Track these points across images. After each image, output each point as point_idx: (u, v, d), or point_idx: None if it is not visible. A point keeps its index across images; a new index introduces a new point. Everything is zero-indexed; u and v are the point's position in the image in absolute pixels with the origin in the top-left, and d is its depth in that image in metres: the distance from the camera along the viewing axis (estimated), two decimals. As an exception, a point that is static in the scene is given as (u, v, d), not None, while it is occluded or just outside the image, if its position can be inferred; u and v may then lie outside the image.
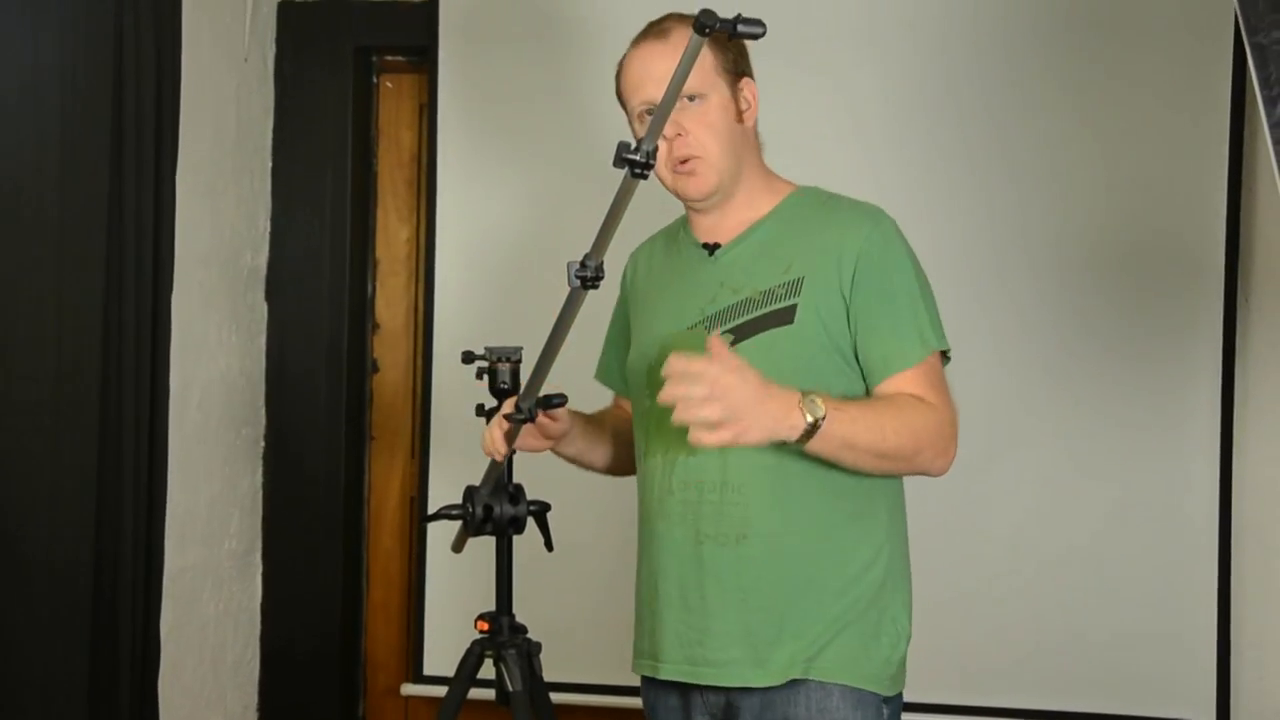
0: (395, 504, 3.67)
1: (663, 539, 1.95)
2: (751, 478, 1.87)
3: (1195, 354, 3.11)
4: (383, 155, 3.66)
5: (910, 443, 1.78)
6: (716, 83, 1.92)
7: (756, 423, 1.62)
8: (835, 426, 1.70)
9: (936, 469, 1.84)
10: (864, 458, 1.76)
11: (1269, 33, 1.43)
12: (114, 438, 2.55)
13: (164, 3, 2.70)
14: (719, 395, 1.58)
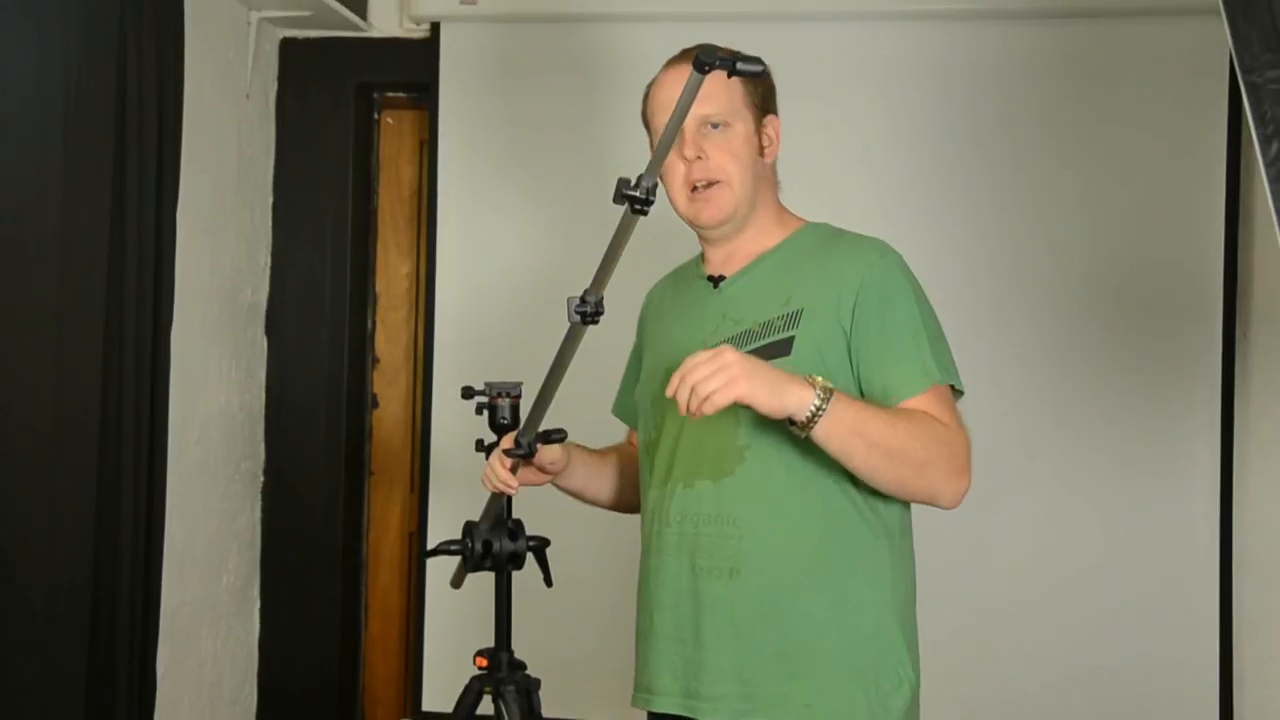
0: (394, 539, 3.66)
1: (660, 571, 1.94)
2: (747, 511, 1.85)
3: (1195, 388, 3.11)
4: (383, 191, 3.68)
5: (922, 448, 1.73)
6: (743, 113, 1.92)
7: (758, 384, 1.62)
8: (841, 405, 1.66)
9: (948, 493, 1.77)
10: (875, 453, 1.70)
11: (1263, 71, 1.45)
12: (112, 472, 2.55)
13: (166, 39, 2.72)
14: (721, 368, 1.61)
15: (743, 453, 1.86)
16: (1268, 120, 1.43)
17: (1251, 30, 1.46)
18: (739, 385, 1.59)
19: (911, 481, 1.76)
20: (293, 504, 3.51)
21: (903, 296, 1.86)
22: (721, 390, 1.58)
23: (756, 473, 1.85)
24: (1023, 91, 3.19)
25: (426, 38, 3.45)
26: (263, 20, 3.36)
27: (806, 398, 1.63)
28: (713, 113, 1.89)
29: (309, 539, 3.50)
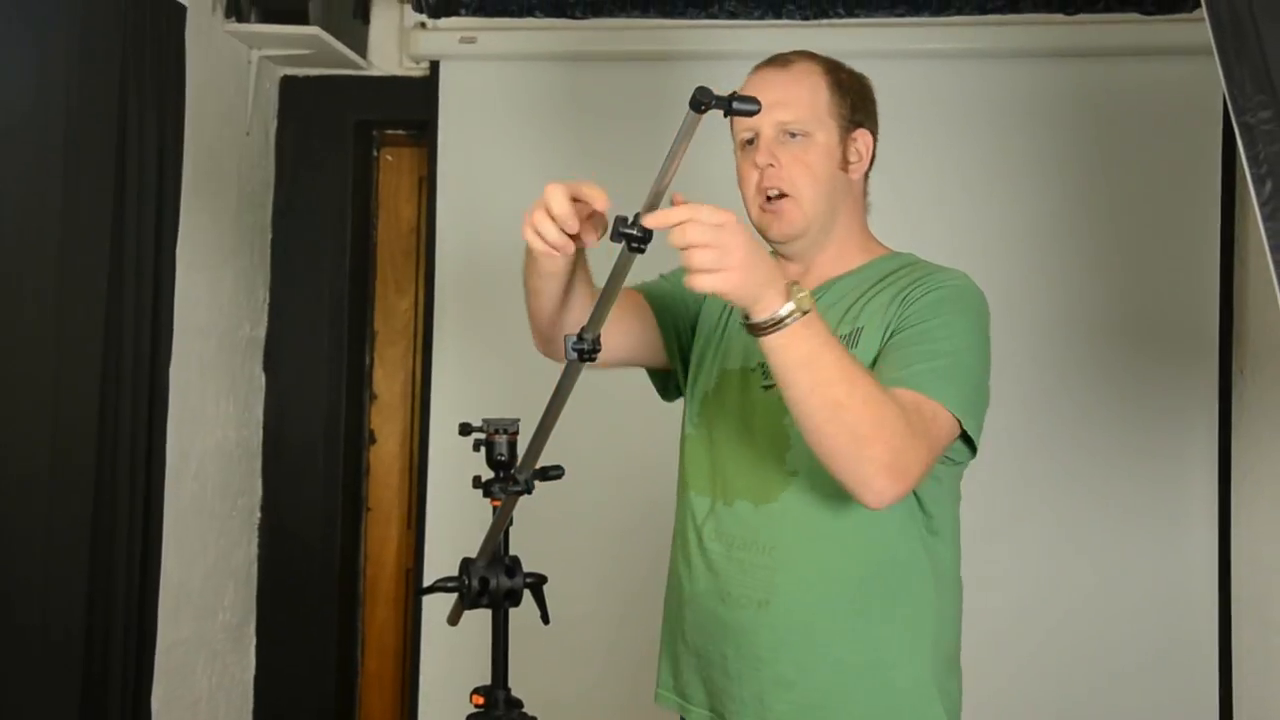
0: (391, 576, 3.65)
1: (690, 585, 1.87)
2: (785, 540, 1.76)
3: (1193, 425, 3.12)
4: (382, 227, 3.70)
5: (871, 423, 1.51)
6: (826, 123, 1.82)
7: (747, 285, 1.43)
8: (806, 334, 1.47)
9: (874, 488, 1.55)
10: (817, 395, 1.49)
11: (1256, 112, 1.46)
12: (108, 508, 2.54)
13: (167, 78, 2.74)
14: (719, 245, 1.40)
15: (789, 479, 1.77)
16: (1261, 160, 1.45)
17: (1244, 72, 1.48)
18: (727, 279, 1.41)
19: (842, 453, 1.54)
20: (289, 540, 3.50)
21: (961, 319, 1.74)
22: (708, 278, 1.41)
23: (801, 501, 1.76)
24: (1021, 129, 3.22)
25: (426, 76, 3.47)
26: (263, 58, 3.38)
27: (772, 305, 1.45)
28: (791, 120, 1.80)
29: (305, 575, 3.49)
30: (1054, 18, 3.18)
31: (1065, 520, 3.15)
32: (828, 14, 3.22)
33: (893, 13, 3.20)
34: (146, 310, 2.66)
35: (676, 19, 3.27)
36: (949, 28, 3.22)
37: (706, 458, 1.89)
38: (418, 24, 3.45)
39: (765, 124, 1.81)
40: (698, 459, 1.91)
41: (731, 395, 1.88)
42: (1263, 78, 1.46)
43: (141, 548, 2.66)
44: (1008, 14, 3.19)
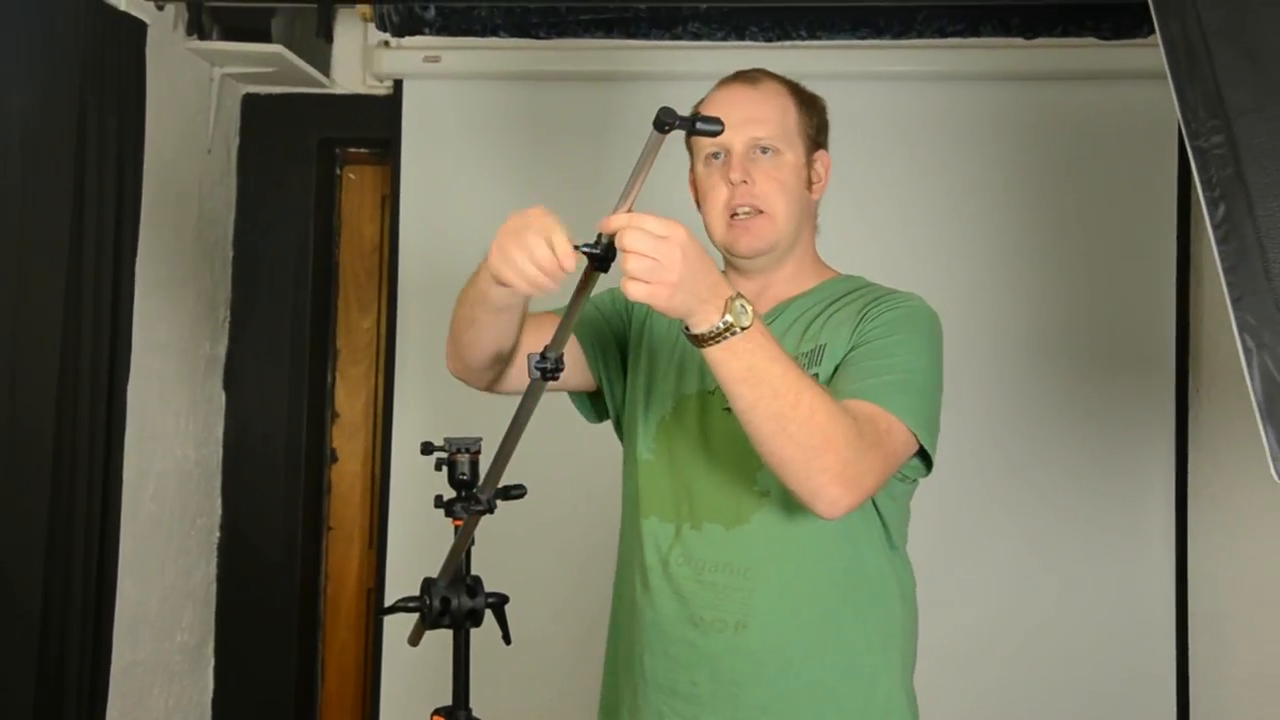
0: (352, 595, 3.63)
1: (649, 611, 1.83)
2: (761, 562, 1.74)
3: (1149, 442, 3.16)
4: (345, 245, 3.68)
5: (820, 432, 1.50)
6: (794, 142, 1.83)
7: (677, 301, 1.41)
8: (748, 347, 1.45)
9: (826, 498, 1.54)
10: (761, 408, 1.48)
11: (1208, 137, 1.48)
12: (63, 528, 2.51)
13: (127, 95, 2.73)
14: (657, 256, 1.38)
15: (761, 499, 1.75)
16: (1214, 184, 1.47)
17: (1196, 97, 1.50)
18: (656, 292, 1.39)
19: (791, 464, 1.52)
20: (249, 560, 3.47)
21: (916, 338, 1.74)
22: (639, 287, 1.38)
23: (774, 521, 1.75)
24: (982, 151, 3.25)
25: (389, 94, 3.47)
26: (225, 76, 3.37)
27: (709, 319, 1.43)
28: (764, 137, 1.80)
29: (265, 595, 3.46)
30: (1013, 42, 3.21)
31: (1024, 535, 3.18)
32: (790, 36, 3.24)
33: (855, 35, 3.22)
34: (105, 328, 2.64)
35: (640, 39, 3.28)
36: (910, 51, 3.25)
37: (667, 482, 1.86)
38: (381, 43, 3.45)
39: (737, 140, 1.79)
40: (656, 484, 1.88)
41: (691, 419, 1.86)
42: (1215, 103, 1.48)
43: (97, 568, 2.63)
44: (968, 38, 3.22)
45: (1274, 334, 1.40)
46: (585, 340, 1.99)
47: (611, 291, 2.04)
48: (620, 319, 2.02)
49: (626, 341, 2.01)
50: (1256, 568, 3.08)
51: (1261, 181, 1.44)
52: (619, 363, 2.01)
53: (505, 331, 1.81)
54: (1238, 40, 1.50)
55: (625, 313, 2.02)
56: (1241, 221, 1.45)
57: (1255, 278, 1.43)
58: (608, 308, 2.03)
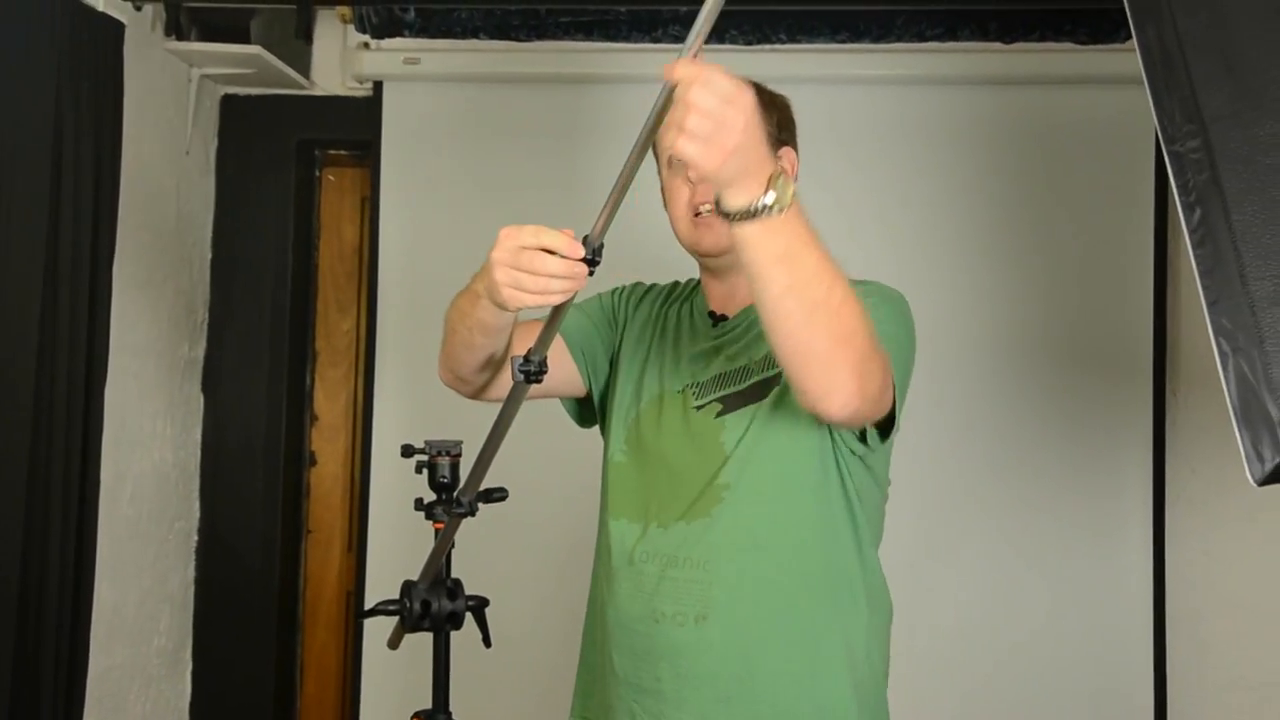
0: (331, 599, 3.61)
1: (616, 610, 1.85)
2: (718, 553, 1.75)
3: (1128, 445, 3.18)
4: (324, 247, 3.67)
5: (848, 323, 1.44)
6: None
7: (730, 168, 1.31)
8: (786, 228, 1.36)
9: (843, 394, 1.48)
10: (795, 294, 1.40)
11: (1184, 141, 1.49)
12: (40, 532, 2.50)
13: (105, 95, 2.71)
14: (719, 118, 1.28)
15: (721, 492, 1.77)
16: (1190, 188, 1.48)
17: (1173, 102, 1.51)
18: (709, 155, 1.29)
19: (817, 357, 1.45)
20: (227, 563, 3.45)
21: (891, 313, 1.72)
22: (692, 145, 1.28)
23: (734, 515, 1.76)
24: (961, 154, 3.26)
25: (369, 96, 3.46)
26: (204, 77, 3.35)
27: (752, 193, 1.34)
28: None
29: (244, 599, 3.45)
30: (991, 46, 3.23)
31: (1004, 537, 3.19)
32: (770, 39, 3.25)
33: (834, 39, 3.23)
34: (82, 329, 2.62)
35: (620, 42, 3.29)
36: (889, 54, 3.27)
37: (636, 483, 1.88)
38: (361, 44, 3.44)
39: None
40: (625, 485, 1.89)
41: (662, 419, 1.87)
42: (1191, 108, 1.49)
43: (74, 572, 2.62)
44: (946, 42, 3.24)
45: (1249, 338, 1.41)
46: (574, 346, 2.00)
47: (599, 297, 2.07)
48: (609, 326, 2.03)
49: (615, 349, 2.02)
50: (1234, 571, 3.11)
51: (1237, 187, 1.45)
52: (607, 369, 2.02)
53: (500, 344, 1.80)
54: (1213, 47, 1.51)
55: (613, 320, 2.04)
56: (1217, 226, 1.46)
57: (1230, 282, 1.44)
58: (597, 315, 2.04)
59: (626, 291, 2.08)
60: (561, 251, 1.41)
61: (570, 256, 1.41)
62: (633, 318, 2.03)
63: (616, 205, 1.39)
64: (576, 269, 1.41)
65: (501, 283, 1.46)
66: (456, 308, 1.83)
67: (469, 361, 1.85)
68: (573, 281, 1.42)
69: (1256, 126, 1.47)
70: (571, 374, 2.00)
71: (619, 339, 2.02)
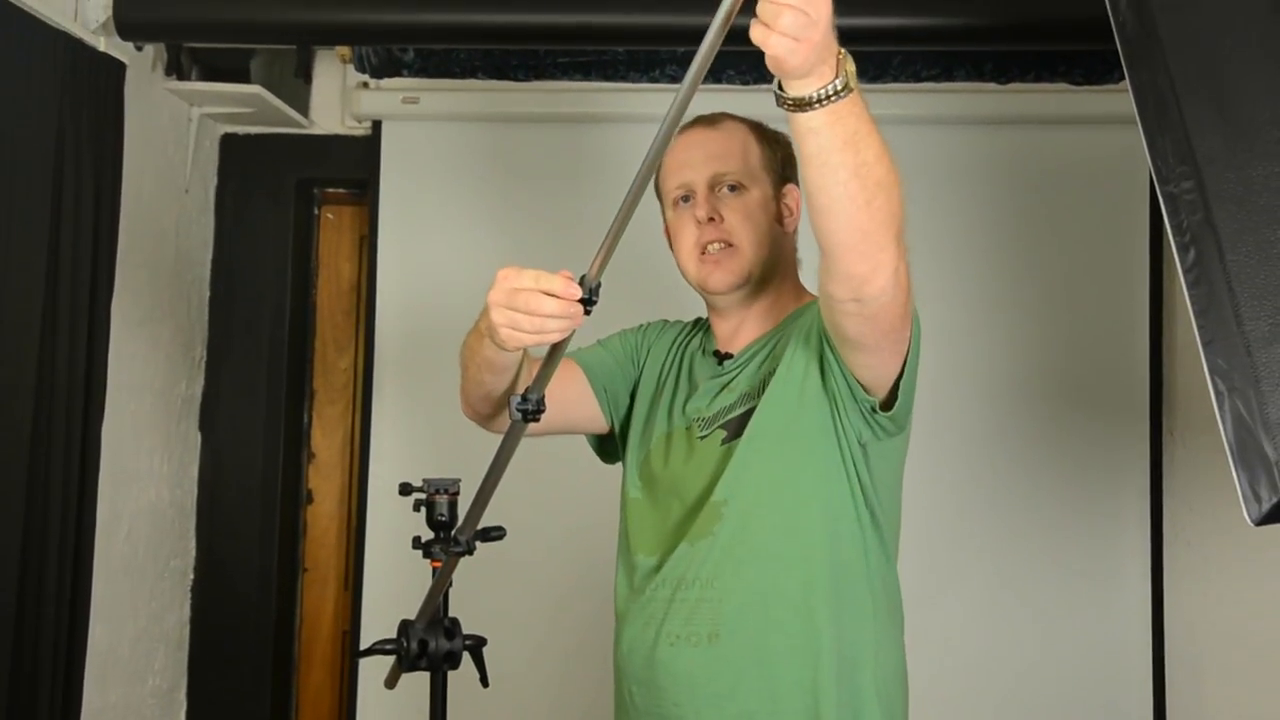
0: (327, 638, 3.59)
1: (629, 642, 1.84)
2: (724, 569, 1.74)
3: (1125, 485, 3.18)
4: (322, 285, 3.68)
5: (899, 203, 1.45)
6: (761, 178, 1.85)
7: (809, 51, 1.29)
8: (855, 110, 1.37)
9: (887, 270, 1.47)
10: (863, 174, 1.39)
11: (1178, 183, 1.51)
12: (35, 570, 2.49)
13: (105, 133, 2.73)
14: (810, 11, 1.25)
15: (720, 509, 1.76)
16: (1184, 229, 1.49)
17: (1166, 143, 1.53)
18: (799, 50, 1.27)
19: (878, 231, 1.45)
20: (223, 602, 3.44)
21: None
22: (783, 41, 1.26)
23: (735, 528, 1.75)
24: (958, 193, 3.28)
25: (368, 135, 3.48)
26: (204, 116, 3.37)
27: (827, 77, 1.33)
28: (728, 173, 1.82)
29: (239, 638, 3.43)
30: (986, 87, 3.26)
31: (1001, 578, 3.18)
32: (767, 79, 3.22)
33: (830, 79, 3.25)
34: (80, 367, 2.62)
35: (618, 82, 3.31)
36: (885, 94, 3.29)
37: (652, 517, 1.88)
38: (360, 84, 3.46)
39: (700, 179, 1.83)
40: (642, 520, 1.90)
41: (670, 453, 1.89)
42: (1184, 149, 1.51)
43: (69, 610, 2.60)
44: (942, 82, 3.26)
45: (1244, 378, 1.42)
46: (597, 383, 2.02)
47: (622, 334, 2.09)
48: (631, 362, 2.06)
49: (634, 384, 2.04)
50: (1233, 611, 3.10)
51: (1230, 227, 1.46)
52: (628, 404, 2.03)
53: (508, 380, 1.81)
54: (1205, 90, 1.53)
55: (634, 357, 2.06)
56: (1211, 266, 1.47)
57: (1226, 322, 1.45)
58: (619, 352, 2.06)
59: (647, 329, 2.10)
60: (558, 293, 1.40)
61: (567, 298, 1.40)
62: (651, 355, 2.04)
63: (614, 245, 1.40)
64: (572, 309, 1.41)
65: (499, 324, 1.46)
66: (467, 345, 1.85)
67: (482, 397, 1.88)
68: (569, 321, 1.42)
69: (1249, 168, 1.48)
70: (594, 411, 2.02)
71: (639, 375, 2.04)
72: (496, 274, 1.47)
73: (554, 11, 2.81)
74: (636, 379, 2.04)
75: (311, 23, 2.94)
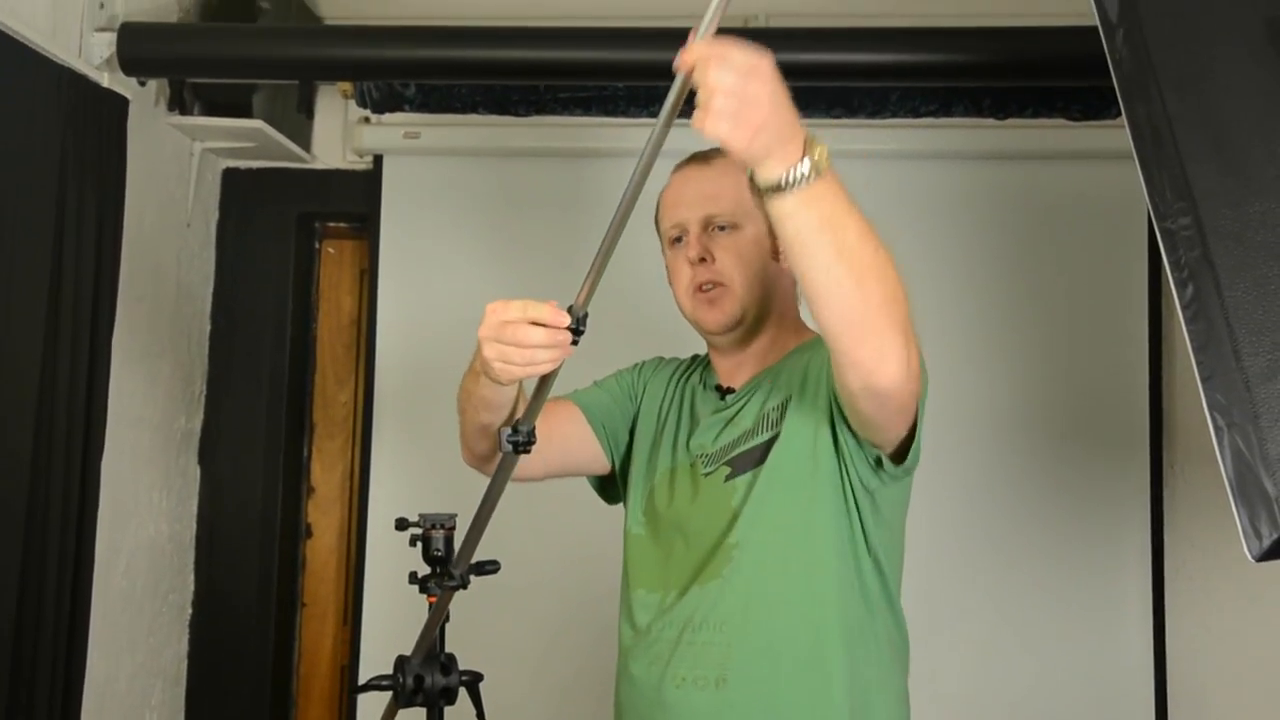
0: (325, 673, 3.58)
1: (632, 681, 1.83)
2: (733, 614, 1.73)
3: (1126, 520, 3.17)
4: (323, 319, 3.68)
5: (895, 284, 1.41)
6: (754, 215, 1.83)
7: (752, 136, 1.26)
8: (830, 192, 1.34)
9: (897, 353, 1.43)
10: (846, 258, 1.36)
11: (1176, 219, 1.51)
12: (33, 604, 2.48)
13: (108, 167, 2.74)
14: (743, 94, 1.24)
15: (731, 552, 1.76)
16: (1182, 265, 1.49)
17: (1163, 180, 1.53)
18: (740, 134, 1.25)
19: (874, 317, 1.41)
20: (221, 636, 3.42)
21: None
22: (721, 124, 1.24)
23: (746, 573, 1.74)
24: (956, 228, 3.29)
25: (369, 169, 3.49)
26: (206, 150, 3.38)
27: (790, 162, 1.31)
28: (719, 214, 1.83)
29: (237, 672, 3.41)
30: (985, 122, 3.27)
31: (1003, 614, 3.17)
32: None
33: (829, 114, 3.27)
34: (80, 401, 2.62)
35: (618, 117, 3.33)
36: (884, 129, 3.30)
37: (654, 554, 1.88)
38: (362, 119, 3.48)
39: (693, 218, 1.84)
40: (644, 557, 1.90)
41: (675, 489, 1.89)
42: (1181, 186, 1.51)
43: (67, 644, 2.59)
44: (941, 117, 3.27)
45: (1244, 414, 1.42)
46: (596, 423, 2.02)
47: (619, 374, 2.10)
48: (629, 400, 2.06)
49: (633, 423, 2.04)
50: (1236, 647, 3.08)
51: (1228, 263, 1.46)
52: (628, 443, 2.04)
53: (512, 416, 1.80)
54: (1201, 126, 1.53)
55: (632, 394, 2.07)
56: (1210, 302, 1.47)
57: (1225, 358, 1.45)
58: (617, 392, 2.07)
59: (643, 366, 2.11)
60: (546, 322, 1.41)
61: (555, 325, 1.41)
62: (649, 390, 2.05)
63: (600, 273, 1.40)
64: (560, 337, 1.41)
65: (490, 358, 1.47)
66: (463, 388, 1.86)
67: (480, 434, 1.87)
68: (558, 350, 1.43)
69: (1245, 204, 1.48)
70: (595, 451, 2.03)
71: (637, 410, 2.04)
72: (485, 308, 1.48)
73: (554, 48, 2.84)
74: (635, 415, 2.04)
75: (313, 59, 2.96)
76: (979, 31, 2.83)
